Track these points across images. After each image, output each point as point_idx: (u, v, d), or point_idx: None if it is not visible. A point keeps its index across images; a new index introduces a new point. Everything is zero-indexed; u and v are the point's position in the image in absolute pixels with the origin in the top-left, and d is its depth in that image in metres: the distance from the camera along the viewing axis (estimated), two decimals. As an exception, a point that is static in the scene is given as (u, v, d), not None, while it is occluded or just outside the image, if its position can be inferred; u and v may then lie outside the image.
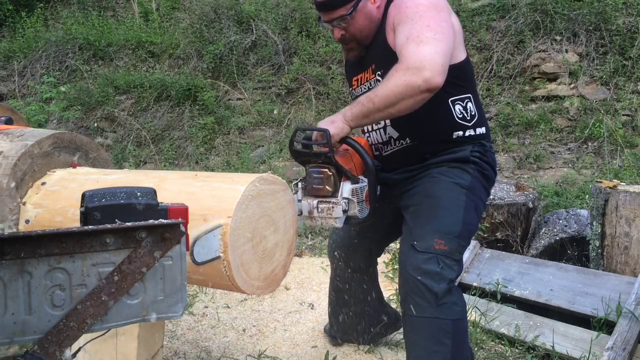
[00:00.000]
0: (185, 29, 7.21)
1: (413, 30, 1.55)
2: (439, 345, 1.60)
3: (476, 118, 1.78)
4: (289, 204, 1.52)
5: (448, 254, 1.61)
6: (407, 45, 1.54)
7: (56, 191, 1.69)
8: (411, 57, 1.51)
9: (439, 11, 1.61)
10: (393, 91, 1.51)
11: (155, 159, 6.03)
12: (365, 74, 1.85)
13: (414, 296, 1.61)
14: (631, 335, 2.36)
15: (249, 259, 1.36)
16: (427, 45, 1.52)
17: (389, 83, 1.52)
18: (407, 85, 1.49)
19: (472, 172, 1.73)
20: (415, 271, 1.60)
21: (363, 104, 1.57)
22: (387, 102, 1.53)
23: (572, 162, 4.97)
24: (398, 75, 1.51)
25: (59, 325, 0.89)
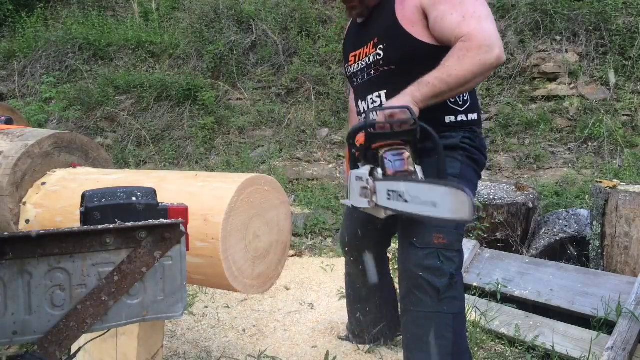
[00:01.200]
0: (185, 29, 7.21)
1: (466, 7, 1.53)
2: (441, 338, 1.64)
3: (468, 103, 1.78)
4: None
5: (448, 247, 1.63)
6: (468, 23, 1.51)
7: (56, 191, 1.69)
8: (480, 35, 1.49)
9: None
10: (470, 71, 1.49)
11: (155, 159, 6.03)
12: (365, 49, 1.80)
13: (416, 292, 1.64)
14: (631, 335, 2.36)
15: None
16: (487, 22, 1.52)
17: (464, 63, 1.48)
18: (482, 64, 1.49)
19: (462, 158, 1.74)
20: (416, 268, 1.62)
21: (434, 84, 1.50)
22: (462, 82, 1.50)
23: (572, 162, 4.97)
24: (472, 54, 1.48)
25: (59, 325, 0.89)
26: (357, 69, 1.84)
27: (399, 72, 1.70)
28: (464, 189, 1.28)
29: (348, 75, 1.92)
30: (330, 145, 5.85)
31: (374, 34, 1.76)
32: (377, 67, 1.75)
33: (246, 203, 1.38)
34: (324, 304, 2.97)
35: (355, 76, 1.88)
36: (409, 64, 1.67)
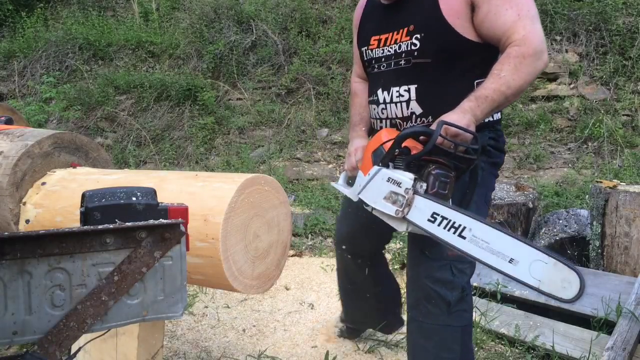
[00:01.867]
0: (185, 29, 7.21)
1: (521, 7, 1.47)
2: (449, 352, 1.61)
3: None
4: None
5: (461, 259, 1.56)
6: (524, 24, 1.45)
7: (56, 191, 1.69)
8: (535, 39, 1.44)
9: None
10: (526, 80, 1.44)
11: (155, 159, 6.03)
12: (395, 35, 1.64)
13: (427, 303, 1.60)
14: (631, 335, 2.36)
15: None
16: (538, 23, 1.48)
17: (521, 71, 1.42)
18: (537, 72, 1.45)
19: (484, 165, 1.68)
20: (427, 279, 1.58)
21: (493, 99, 1.42)
22: (519, 91, 1.45)
23: (572, 162, 4.97)
24: (528, 62, 1.42)
25: (59, 325, 0.89)
26: (380, 55, 1.69)
27: (434, 66, 1.58)
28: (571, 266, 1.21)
29: (367, 58, 1.76)
30: (330, 145, 5.85)
31: (409, 21, 1.60)
32: (410, 58, 1.61)
33: (246, 203, 1.38)
34: (324, 304, 2.97)
35: (377, 62, 1.72)
36: (446, 59, 1.57)
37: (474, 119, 1.41)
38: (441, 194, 1.39)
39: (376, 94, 1.72)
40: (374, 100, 1.74)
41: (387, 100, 1.68)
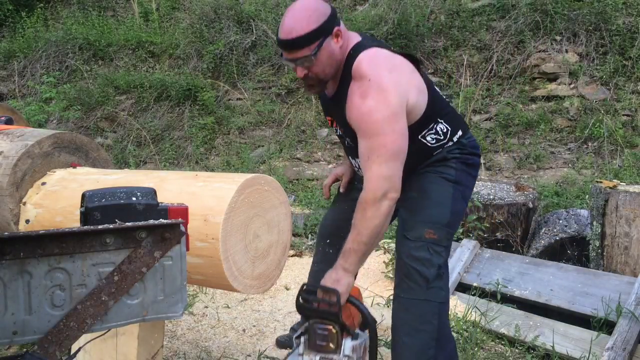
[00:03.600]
0: (185, 29, 7.21)
1: (373, 149, 1.65)
2: (427, 324, 1.79)
3: (450, 131, 1.86)
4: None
5: (437, 242, 1.77)
6: (370, 165, 1.64)
7: (56, 191, 1.69)
8: (374, 185, 1.63)
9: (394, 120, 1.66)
10: (376, 225, 1.63)
11: (155, 159, 6.04)
12: (335, 122, 1.93)
13: (407, 280, 1.79)
14: (631, 335, 2.36)
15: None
16: (385, 167, 1.64)
17: (368, 219, 1.62)
18: (382, 214, 1.63)
19: (455, 165, 1.85)
20: (407, 258, 1.78)
21: (355, 249, 1.64)
22: (374, 234, 1.64)
23: (572, 162, 4.97)
24: (371, 208, 1.62)
25: (59, 325, 0.89)
26: (337, 131, 1.96)
27: None
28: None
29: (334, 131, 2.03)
30: (330, 145, 5.85)
31: (336, 117, 1.87)
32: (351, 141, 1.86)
33: (246, 203, 1.38)
34: (324, 304, 2.97)
35: (339, 135, 1.99)
36: None
37: (345, 271, 1.63)
38: (319, 345, 1.61)
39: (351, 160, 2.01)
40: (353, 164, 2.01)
41: (356, 166, 1.95)
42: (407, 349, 1.82)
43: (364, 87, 1.69)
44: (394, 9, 6.08)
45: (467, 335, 2.57)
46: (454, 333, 2.61)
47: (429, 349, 1.81)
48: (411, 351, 1.81)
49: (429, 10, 6.13)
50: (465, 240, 3.33)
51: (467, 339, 2.55)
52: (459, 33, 5.90)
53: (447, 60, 5.86)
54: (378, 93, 1.67)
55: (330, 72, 1.75)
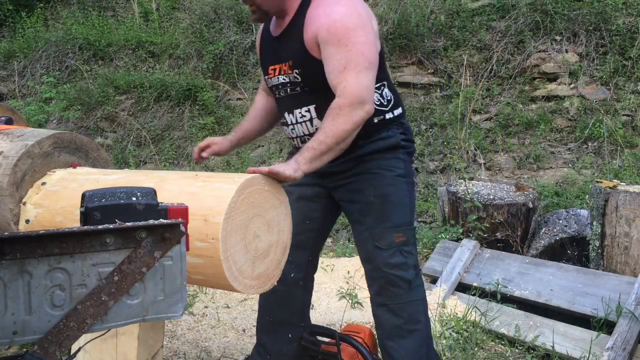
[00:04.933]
0: (185, 29, 7.21)
1: (349, 58, 1.60)
2: (417, 323, 1.86)
3: (392, 101, 1.86)
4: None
5: (406, 243, 1.83)
6: (347, 76, 1.59)
7: (56, 191, 1.69)
8: (353, 91, 1.58)
9: (366, 30, 1.65)
10: (344, 129, 1.58)
11: (155, 159, 6.03)
12: (282, 66, 1.80)
13: (391, 287, 1.82)
14: (631, 335, 2.36)
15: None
16: (364, 77, 1.61)
17: (339, 122, 1.57)
18: (355, 122, 1.59)
19: (403, 157, 1.87)
20: (385, 267, 1.81)
21: (314, 147, 1.58)
22: (339, 140, 1.59)
23: (572, 162, 4.97)
24: (345, 112, 1.58)
25: (59, 325, 0.89)
26: (277, 82, 1.84)
27: (324, 89, 1.69)
28: None
29: (269, 86, 1.92)
30: (330, 145, 5.84)
31: (288, 56, 1.76)
32: (299, 87, 1.78)
33: (246, 203, 1.38)
34: (324, 304, 2.97)
35: (276, 88, 1.87)
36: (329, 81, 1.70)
37: (296, 162, 1.56)
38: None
39: (284, 116, 1.90)
40: (284, 122, 1.91)
41: (293, 121, 1.86)
42: (402, 351, 1.84)
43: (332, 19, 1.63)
44: (394, 9, 6.08)
45: (467, 335, 2.58)
46: (454, 333, 2.61)
47: (422, 347, 1.87)
48: (407, 353, 1.84)
49: (429, 10, 6.13)
50: (465, 240, 3.33)
51: (467, 339, 2.55)
52: (459, 33, 5.90)
53: (447, 60, 5.86)
54: (348, 1, 1.65)
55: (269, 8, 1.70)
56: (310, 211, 1.94)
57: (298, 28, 1.70)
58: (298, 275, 2.01)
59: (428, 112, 5.64)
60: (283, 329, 2.05)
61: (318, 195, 1.94)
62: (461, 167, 5.01)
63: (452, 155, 5.22)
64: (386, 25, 5.97)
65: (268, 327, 2.07)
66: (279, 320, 2.04)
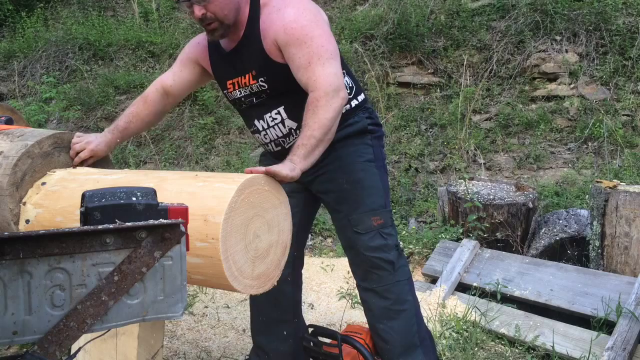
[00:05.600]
0: (185, 29, 7.21)
1: (312, 53, 1.63)
2: (405, 303, 1.91)
3: (354, 88, 1.92)
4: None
5: (385, 225, 1.87)
6: (314, 70, 1.63)
7: (56, 191, 1.69)
8: (324, 82, 1.62)
9: (319, 24, 1.69)
10: (327, 118, 1.60)
11: (155, 159, 6.03)
12: (242, 79, 1.82)
13: (375, 270, 1.87)
14: (631, 335, 2.36)
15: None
16: (329, 66, 1.64)
17: (320, 114, 1.59)
18: (335, 109, 1.62)
19: (372, 141, 1.91)
20: (367, 250, 1.85)
21: (305, 144, 1.59)
22: (326, 130, 1.61)
23: (572, 162, 4.97)
24: (322, 103, 1.60)
25: (59, 325, 0.89)
26: (240, 95, 1.86)
27: (292, 90, 1.73)
28: None
29: (231, 99, 1.93)
30: (330, 145, 5.84)
31: (249, 67, 1.78)
32: (266, 94, 1.80)
33: (246, 203, 1.38)
34: (324, 304, 2.97)
35: (239, 101, 1.90)
36: (298, 84, 1.72)
37: (292, 163, 1.56)
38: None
39: (254, 124, 1.92)
40: (255, 130, 1.93)
41: (265, 127, 1.89)
42: (393, 332, 1.90)
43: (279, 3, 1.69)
44: (394, 9, 6.07)
45: (467, 335, 2.58)
46: (454, 333, 2.61)
47: (413, 325, 1.92)
48: (398, 333, 1.90)
49: (429, 10, 6.13)
50: (465, 240, 3.33)
51: (467, 339, 2.55)
52: (459, 33, 5.90)
53: (447, 60, 5.86)
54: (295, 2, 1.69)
55: (229, 14, 1.69)
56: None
57: (254, 37, 1.73)
58: (285, 271, 2.00)
59: (428, 112, 5.64)
60: (277, 328, 2.07)
61: (295, 190, 1.94)
62: (461, 167, 5.01)
63: (452, 155, 5.22)
64: (386, 25, 5.97)
65: (262, 328, 2.09)
66: (272, 319, 2.07)
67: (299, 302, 2.18)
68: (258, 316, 2.10)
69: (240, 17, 1.74)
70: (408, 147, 5.35)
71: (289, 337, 2.08)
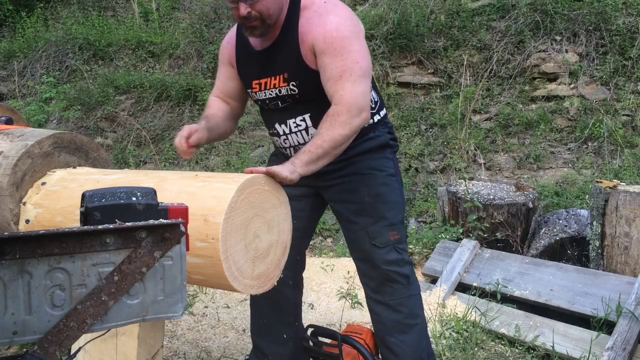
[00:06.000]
0: (185, 29, 7.21)
1: (345, 67, 1.62)
2: (417, 317, 1.92)
3: (378, 103, 1.93)
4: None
5: (400, 241, 1.88)
6: (344, 84, 1.62)
7: (56, 191, 1.69)
8: (350, 99, 1.61)
9: (360, 39, 1.68)
10: (341, 134, 1.60)
11: (155, 159, 6.03)
12: (272, 80, 1.78)
13: (390, 283, 1.87)
14: (631, 335, 2.36)
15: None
16: (360, 85, 1.64)
17: (336, 128, 1.60)
18: (352, 128, 1.62)
19: (391, 156, 1.93)
20: (384, 264, 1.85)
21: (311, 151, 1.59)
22: (336, 145, 1.61)
23: (572, 162, 4.97)
24: (343, 119, 1.60)
25: (59, 325, 0.89)
26: (265, 97, 1.83)
27: (320, 99, 1.71)
28: None
29: (254, 99, 1.90)
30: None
31: (281, 69, 1.75)
32: (294, 98, 1.78)
33: (246, 203, 1.38)
34: (324, 304, 2.97)
35: (264, 102, 1.86)
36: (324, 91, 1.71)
37: (292, 164, 1.57)
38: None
39: (274, 127, 1.89)
40: (275, 133, 1.91)
41: (286, 131, 1.86)
42: (405, 346, 1.89)
43: (320, 8, 1.67)
44: (394, 9, 6.07)
45: (467, 335, 2.58)
46: (454, 333, 2.61)
47: (423, 339, 1.93)
48: (409, 347, 1.89)
49: (429, 10, 6.13)
50: (465, 240, 3.33)
51: (467, 339, 2.55)
52: (459, 33, 5.90)
53: (447, 60, 5.86)
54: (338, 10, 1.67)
55: (274, 13, 1.67)
56: (296, 210, 1.91)
57: (291, 40, 1.70)
58: (287, 274, 2.00)
59: (428, 112, 5.64)
60: (277, 330, 2.06)
61: (304, 194, 1.95)
62: (461, 167, 5.01)
63: (452, 155, 5.22)
64: (386, 25, 5.96)
65: (262, 330, 2.08)
66: (273, 322, 2.06)
67: (300, 305, 2.17)
68: (258, 318, 2.09)
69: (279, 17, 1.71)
70: (408, 147, 5.35)
71: (289, 340, 2.08)
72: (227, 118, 1.95)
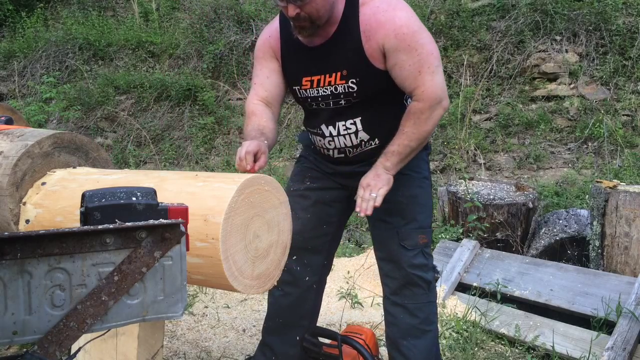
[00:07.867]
0: (185, 29, 7.21)
1: (422, 61, 1.62)
2: (432, 324, 1.91)
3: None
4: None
5: (427, 245, 1.88)
6: (424, 79, 1.63)
7: (56, 191, 1.69)
8: (431, 93, 1.63)
9: (425, 30, 1.68)
10: (426, 131, 1.67)
11: (155, 159, 6.03)
12: (327, 77, 1.71)
13: (411, 287, 1.86)
14: (631, 335, 2.36)
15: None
16: (437, 75, 1.65)
17: (421, 125, 1.65)
18: (435, 122, 1.68)
19: (426, 158, 1.95)
20: (409, 267, 1.84)
21: (399, 152, 1.66)
22: (423, 139, 1.68)
23: (572, 162, 4.97)
24: (426, 115, 1.64)
25: (59, 325, 0.89)
26: (316, 94, 1.76)
27: (376, 102, 1.73)
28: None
29: (301, 97, 1.81)
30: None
31: (340, 65, 1.68)
32: (349, 98, 1.72)
33: (246, 203, 1.38)
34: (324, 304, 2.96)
35: (314, 100, 1.78)
36: (386, 95, 1.74)
37: (384, 169, 1.68)
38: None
39: (319, 127, 1.84)
40: (318, 133, 1.86)
41: (333, 133, 1.82)
42: (417, 351, 1.88)
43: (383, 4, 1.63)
44: (394, 9, 6.07)
45: (467, 335, 2.58)
46: (454, 333, 2.62)
47: (433, 347, 1.91)
48: (421, 352, 1.88)
49: (429, 10, 6.13)
50: (465, 240, 3.33)
51: (467, 339, 2.55)
52: (459, 33, 5.90)
53: (447, 60, 5.86)
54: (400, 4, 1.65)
55: (324, 15, 1.62)
56: (327, 216, 1.95)
57: (352, 37, 1.65)
58: (313, 278, 2.01)
59: (428, 112, 5.63)
60: (292, 332, 2.05)
61: (336, 199, 1.94)
62: (461, 167, 5.01)
63: (452, 155, 5.22)
64: (386, 25, 5.96)
65: (277, 329, 2.06)
66: (289, 323, 2.04)
67: (318, 309, 2.16)
68: (275, 317, 2.05)
69: (333, 14, 1.65)
70: (408, 147, 5.35)
71: (300, 342, 2.07)
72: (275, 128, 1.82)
